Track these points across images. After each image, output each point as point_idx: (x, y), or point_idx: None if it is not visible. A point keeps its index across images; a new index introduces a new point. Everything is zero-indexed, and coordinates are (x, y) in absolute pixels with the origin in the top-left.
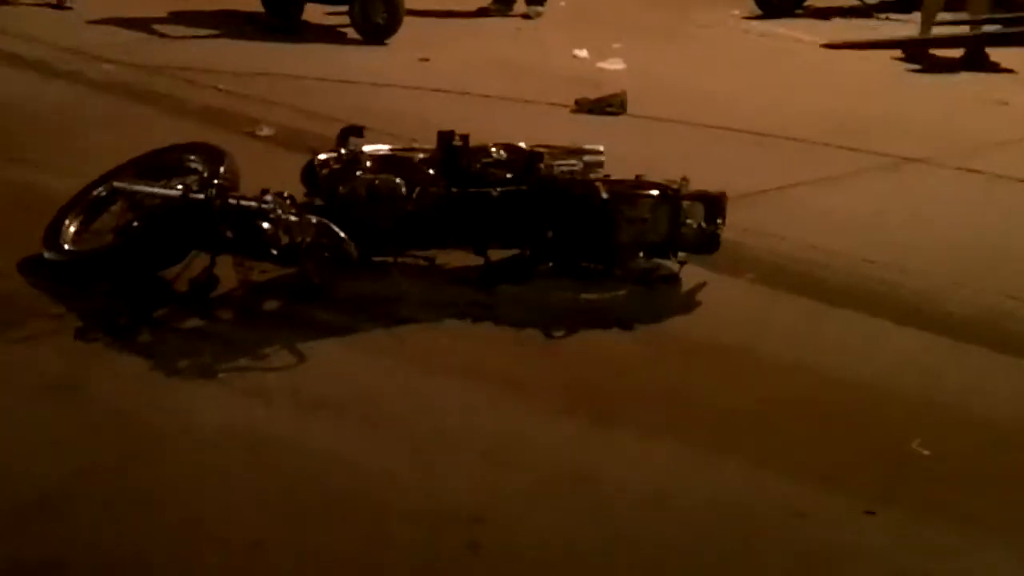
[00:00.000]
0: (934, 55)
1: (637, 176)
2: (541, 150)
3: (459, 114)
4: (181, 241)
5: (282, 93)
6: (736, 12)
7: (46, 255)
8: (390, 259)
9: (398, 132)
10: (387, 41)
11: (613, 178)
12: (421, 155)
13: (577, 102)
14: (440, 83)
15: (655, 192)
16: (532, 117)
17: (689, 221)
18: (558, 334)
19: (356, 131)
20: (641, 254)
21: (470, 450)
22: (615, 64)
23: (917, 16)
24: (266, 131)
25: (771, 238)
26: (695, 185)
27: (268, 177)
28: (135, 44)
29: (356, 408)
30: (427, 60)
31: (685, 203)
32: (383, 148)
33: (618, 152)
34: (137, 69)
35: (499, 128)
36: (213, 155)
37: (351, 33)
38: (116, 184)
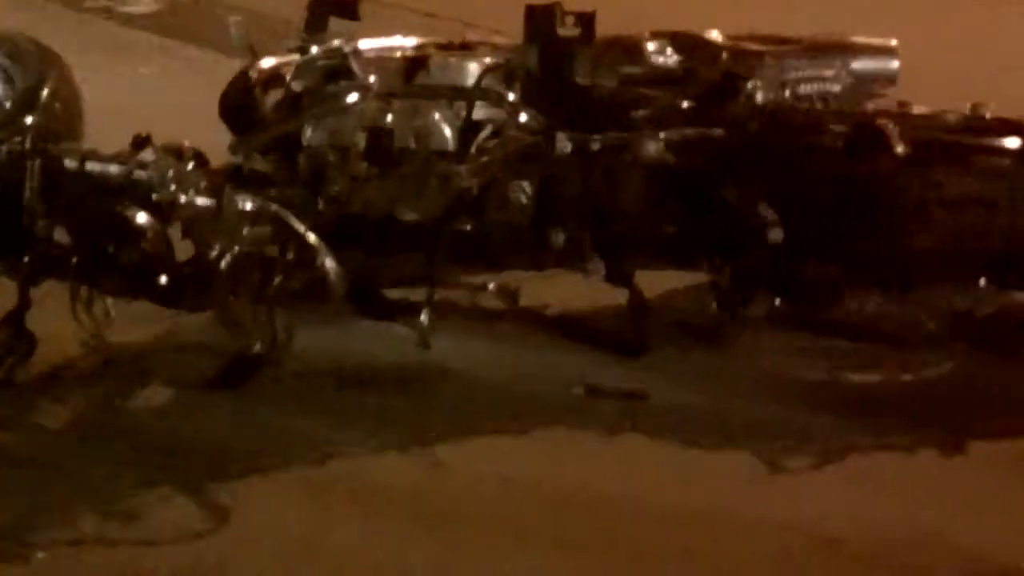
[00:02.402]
0: None
1: (974, 106)
2: (757, 47)
3: None
4: None
5: None
6: None
7: None
8: (421, 295)
9: (441, 5)
10: None
11: (914, 110)
12: (488, 59)
13: None
14: None
15: (1011, 143)
16: None
17: None
18: (797, 464)
19: (345, 6)
20: (980, 280)
21: None
22: None
23: None
24: (143, 4)
25: None
26: None
27: (149, 110)
28: None
29: None
30: None
31: None
32: (401, 43)
33: (925, 51)
34: None
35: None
36: (23, 57)
37: None
38: None
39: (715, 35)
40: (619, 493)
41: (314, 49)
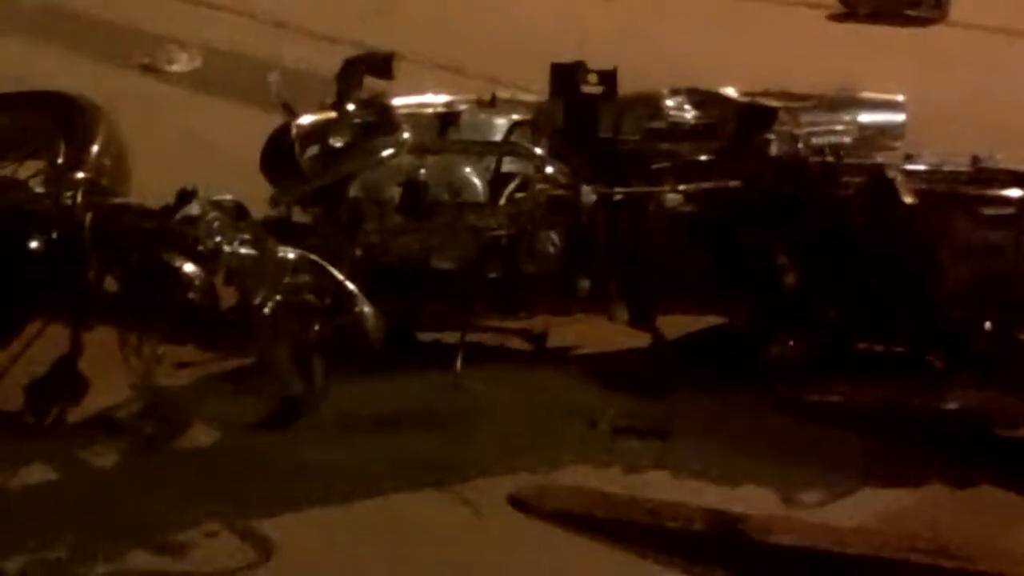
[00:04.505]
0: None
1: (975, 159)
2: (771, 103)
3: (606, 24)
4: (9, 296)
5: None
6: None
7: None
8: (454, 339)
9: (469, 63)
10: None
11: (923, 162)
12: (516, 115)
13: None
14: None
15: (1013, 191)
16: (755, 28)
17: None
18: (815, 498)
19: (379, 65)
20: (987, 325)
21: None
22: None
23: None
24: (185, 62)
25: None
26: None
27: (191, 163)
28: None
29: None
30: None
31: None
32: (435, 100)
33: (934, 102)
34: None
35: (687, 53)
36: (74, 117)
37: None
38: None
39: (731, 91)
40: None
41: (351, 106)
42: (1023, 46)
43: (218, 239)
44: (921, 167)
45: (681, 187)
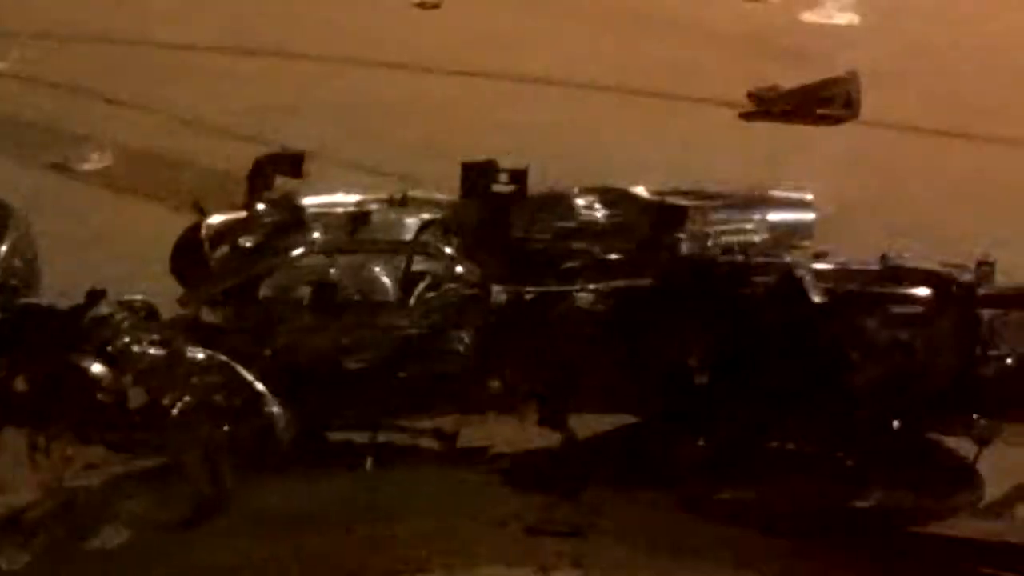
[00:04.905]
0: None
1: (883, 257)
2: (682, 202)
3: (518, 121)
4: None
5: (136, 79)
6: None
7: None
8: (364, 437)
9: (382, 163)
10: None
11: (832, 261)
12: (426, 214)
13: (754, 95)
14: (471, 56)
15: (922, 290)
16: (666, 126)
17: (997, 351)
18: None
19: (290, 163)
20: (896, 423)
21: None
22: (839, 15)
23: None
24: (95, 161)
25: None
26: (1011, 273)
27: (101, 262)
28: None
29: None
30: (437, 6)
31: (987, 313)
32: (345, 199)
33: (844, 200)
34: None
35: (598, 150)
36: None
37: None
38: None
39: (641, 190)
40: None
41: (261, 205)
42: (931, 144)
43: (127, 339)
44: (830, 266)
45: (591, 286)
